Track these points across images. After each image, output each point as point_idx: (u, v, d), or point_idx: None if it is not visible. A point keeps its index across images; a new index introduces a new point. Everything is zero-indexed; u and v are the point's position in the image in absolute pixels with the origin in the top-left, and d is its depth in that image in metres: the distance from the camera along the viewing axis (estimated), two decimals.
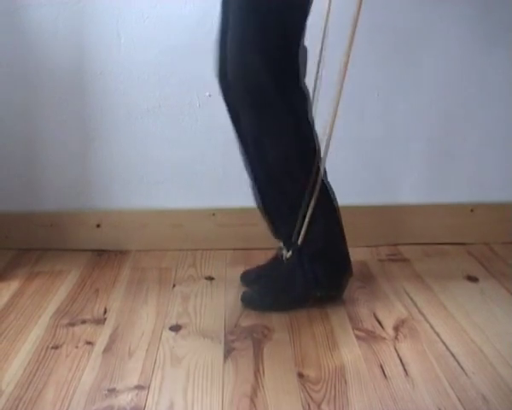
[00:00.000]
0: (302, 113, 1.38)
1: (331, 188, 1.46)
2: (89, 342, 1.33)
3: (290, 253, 1.46)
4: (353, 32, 1.33)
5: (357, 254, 1.62)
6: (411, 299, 1.52)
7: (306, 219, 1.41)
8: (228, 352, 1.29)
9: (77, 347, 1.31)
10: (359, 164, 1.81)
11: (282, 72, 1.31)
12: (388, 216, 1.83)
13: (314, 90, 1.46)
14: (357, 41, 1.63)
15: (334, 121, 1.40)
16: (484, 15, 1.71)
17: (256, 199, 1.50)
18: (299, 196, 1.41)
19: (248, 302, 1.49)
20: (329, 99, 1.38)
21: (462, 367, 1.23)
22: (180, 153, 1.77)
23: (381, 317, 1.44)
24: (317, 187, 1.39)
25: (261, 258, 1.63)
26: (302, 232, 1.42)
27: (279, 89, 1.31)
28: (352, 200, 1.75)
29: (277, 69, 1.30)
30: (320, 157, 1.41)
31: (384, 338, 1.34)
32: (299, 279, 1.45)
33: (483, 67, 1.75)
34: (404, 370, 1.23)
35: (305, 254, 1.44)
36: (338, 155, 1.76)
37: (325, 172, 1.44)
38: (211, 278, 1.65)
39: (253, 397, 1.14)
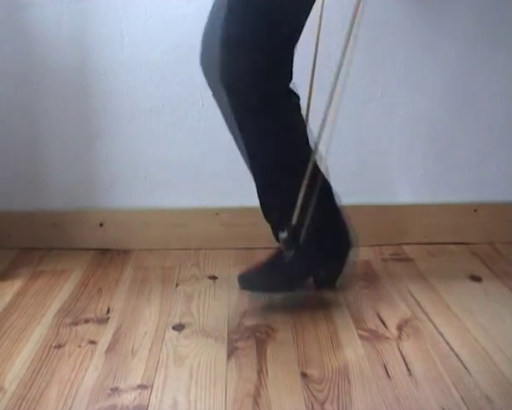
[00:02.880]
0: (289, 117, 1.38)
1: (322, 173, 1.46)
2: (92, 342, 1.33)
3: (285, 233, 1.44)
4: (349, 33, 1.33)
5: (360, 253, 1.62)
6: (415, 299, 1.52)
7: (299, 199, 1.39)
8: (231, 351, 1.29)
9: (80, 346, 1.31)
10: (362, 163, 1.80)
11: (269, 77, 1.30)
12: (392, 216, 1.83)
13: (310, 88, 1.46)
14: (359, 40, 1.63)
15: (329, 108, 1.40)
16: (487, 15, 1.70)
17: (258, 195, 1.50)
18: (288, 178, 1.41)
19: (246, 283, 1.48)
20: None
21: (465, 367, 1.23)
22: (183, 152, 1.78)
23: (384, 317, 1.43)
24: (309, 171, 1.38)
25: (264, 258, 1.63)
26: (295, 212, 1.41)
27: (264, 94, 1.30)
28: (354, 199, 1.75)
29: (264, 74, 1.28)
30: (314, 140, 1.40)
31: (387, 338, 1.34)
32: (297, 261, 1.44)
33: (486, 67, 1.74)
34: (408, 369, 1.22)
35: (301, 235, 1.42)
36: (341, 154, 1.76)
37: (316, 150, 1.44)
38: (214, 278, 1.65)
39: (257, 397, 1.14)
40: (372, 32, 1.69)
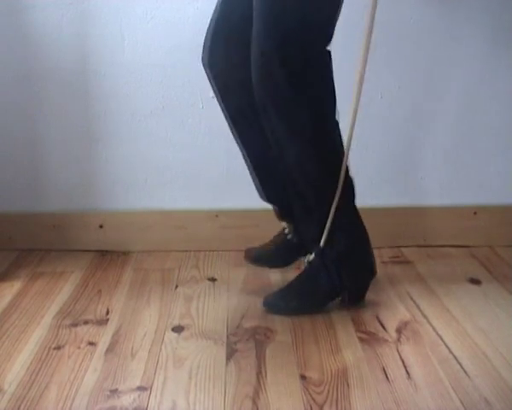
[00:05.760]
0: (325, 115, 1.37)
1: (353, 189, 1.46)
2: (91, 343, 1.33)
3: (313, 256, 1.45)
4: (368, 39, 1.33)
5: None
6: (414, 301, 1.52)
7: (329, 221, 1.40)
8: (230, 353, 1.29)
9: (79, 347, 1.31)
10: (362, 166, 1.80)
11: (303, 73, 1.28)
12: (391, 218, 1.83)
13: None
14: (360, 41, 1.63)
15: (354, 123, 1.39)
16: (491, 19, 1.71)
17: (259, 194, 1.50)
18: (317, 199, 1.41)
19: (272, 307, 1.47)
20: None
21: (464, 370, 1.23)
22: (183, 154, 1.78)
23: (383, 319, 1.43)
24: (339, 189, 1.39)
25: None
26: (324, 234, 1.41)
27: (298, 90, 1.29)
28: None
29: (297, 71, 1.28)
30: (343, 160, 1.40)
31: (387, 341, 1.34)
32: (324, 282, 1.44)
33: (488, 70, 1.75)
34: (407, 373, 1.22)
35: (328, 257, 1.43)
36: None
37: (348, 171, 1.44)
38: (213, 280, 1.65)
39: (256, 399, 1.14)
40: (374, 34, 1.69)
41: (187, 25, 1.68)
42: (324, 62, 1.31)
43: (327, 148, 1.39)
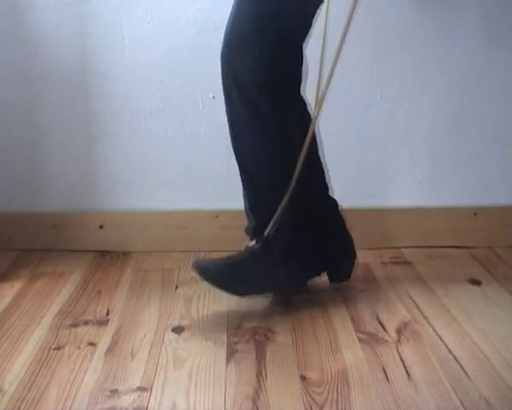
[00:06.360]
0: (291, 118, 1.39)
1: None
2: (91, 344, 1.33)
3: (255, 243, 1.45)
4: (345, 31, 1.35)
5: (360, 256, 1.61)
6: (414, 302, 1.52)
7: (277, 212, 1.40)
8: (230, 354, 1.29)
9: (79, 348, 1.31)
10: (362, 166, 1.81)
11: (274, 77, 1.32)
12: (391, 219, 1.83)
13: (318, 88, 1.47)
14: (360, 42, 1.64)
15: (320, 107, 1.41)
16: (487, 18, 1.71)
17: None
18: (269, 187, 1.43)
19: (203, 272, 1.42)
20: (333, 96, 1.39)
21: (464, 371, 1.23)
22: (183, 154, 1.78)
23: (383, 320, 1.43)
24: (294, 180, 1.40)
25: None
26: (271, 224, 1.41)
27: (270, 93, 1.33)
28: (354, 202, 1.75)
29: (269, 73, 1.31)
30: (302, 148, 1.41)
31: (387, 341, 1.34)
32: (262, 270, 1.43)
33: (487, 70, 1.75)
34: (407, 373, 1.22)
35: (272, 247, 1.43)
36: (340, 156, 1.77)
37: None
38: None
39: (256, 399, 1.14)
40: (372, 35, 1.70)
41: (187, 25, 1.68)
42: (297, 58, 1.35)
43: (285, 136, 1.40)
